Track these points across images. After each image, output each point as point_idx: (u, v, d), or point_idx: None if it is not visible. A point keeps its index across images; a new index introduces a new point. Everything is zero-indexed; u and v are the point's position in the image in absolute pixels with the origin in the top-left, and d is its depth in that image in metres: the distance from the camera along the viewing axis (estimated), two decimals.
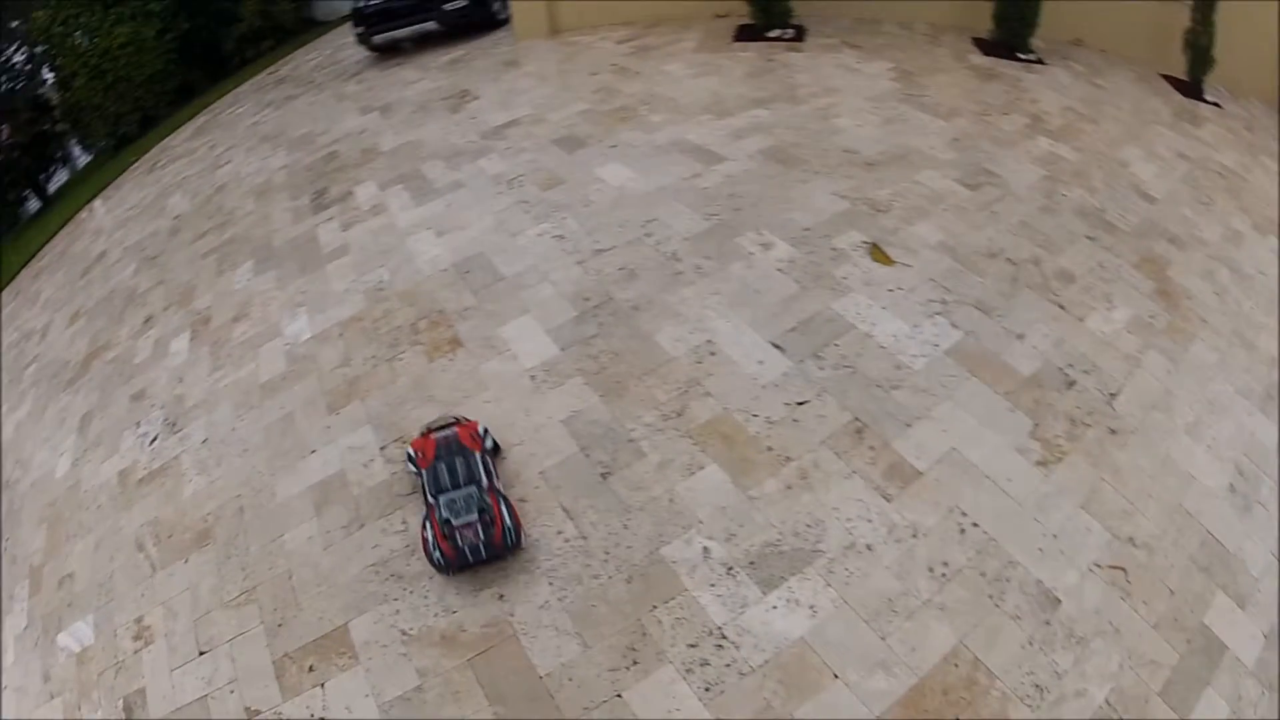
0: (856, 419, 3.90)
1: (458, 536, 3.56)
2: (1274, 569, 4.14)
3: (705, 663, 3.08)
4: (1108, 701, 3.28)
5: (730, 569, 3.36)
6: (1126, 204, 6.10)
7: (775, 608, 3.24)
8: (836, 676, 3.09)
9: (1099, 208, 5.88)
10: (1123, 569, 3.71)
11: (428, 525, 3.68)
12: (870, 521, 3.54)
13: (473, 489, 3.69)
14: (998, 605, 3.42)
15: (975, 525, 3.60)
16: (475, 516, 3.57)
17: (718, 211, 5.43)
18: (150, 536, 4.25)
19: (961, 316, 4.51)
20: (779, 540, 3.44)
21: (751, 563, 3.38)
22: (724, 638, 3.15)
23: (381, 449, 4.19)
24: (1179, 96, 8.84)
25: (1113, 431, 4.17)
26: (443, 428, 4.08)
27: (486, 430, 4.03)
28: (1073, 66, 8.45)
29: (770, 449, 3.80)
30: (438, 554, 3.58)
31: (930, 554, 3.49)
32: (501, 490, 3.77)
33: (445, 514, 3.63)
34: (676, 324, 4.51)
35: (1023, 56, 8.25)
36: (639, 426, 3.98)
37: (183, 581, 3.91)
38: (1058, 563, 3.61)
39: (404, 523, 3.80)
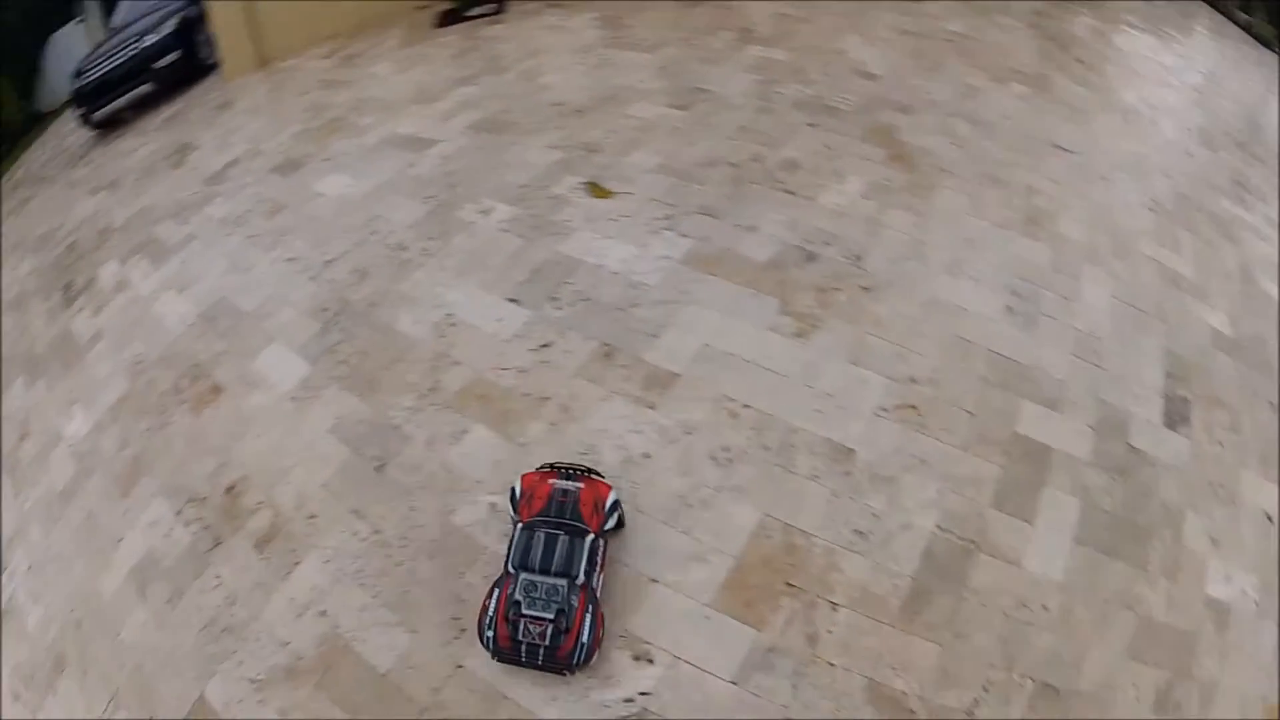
0: (604, 344, 4.29)
1: (521, 627, 3.37)
2: (1080, 369, 4.82)
3: None
4: (940, 526, 3.77)
5: None
6: (847, 86, 6.72)
7: None
8: (655, 580, 3.48)
9: (817, 96, 6.47)
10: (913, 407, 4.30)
11: (495, 594, 3.49)
12: (641, 432, 3.93)
13: (562, 584, 3.43)
14: (791, 471, 3.85)
15: (746, 407, 4.03)
16: (550, 616, 3.36)
17: (435, 193, 5.80)
18: (20, 683, 4.30)
19: (689, 226, 4.98)
20: None
21: None
22: None
23: (176, 514, 4.35)
24: None
25: (865, 289, 4.69)
26: (569, 475, 3.80)
27: (617, 504, 3.72)
28: None
29: (527, 395, 4.13)
30: (490, 634, 3.39)
31: (708, 444, 3.90)
32: (597, 590, 3.52)
33: (518, 595, 3.43)
34: (413, 308, 4.81)
35: None
36: (399, 412, 4.26)
37: (58, 714, 4.01)
38: (840, 417, 4.06)
39: (217, 577, 3.95)
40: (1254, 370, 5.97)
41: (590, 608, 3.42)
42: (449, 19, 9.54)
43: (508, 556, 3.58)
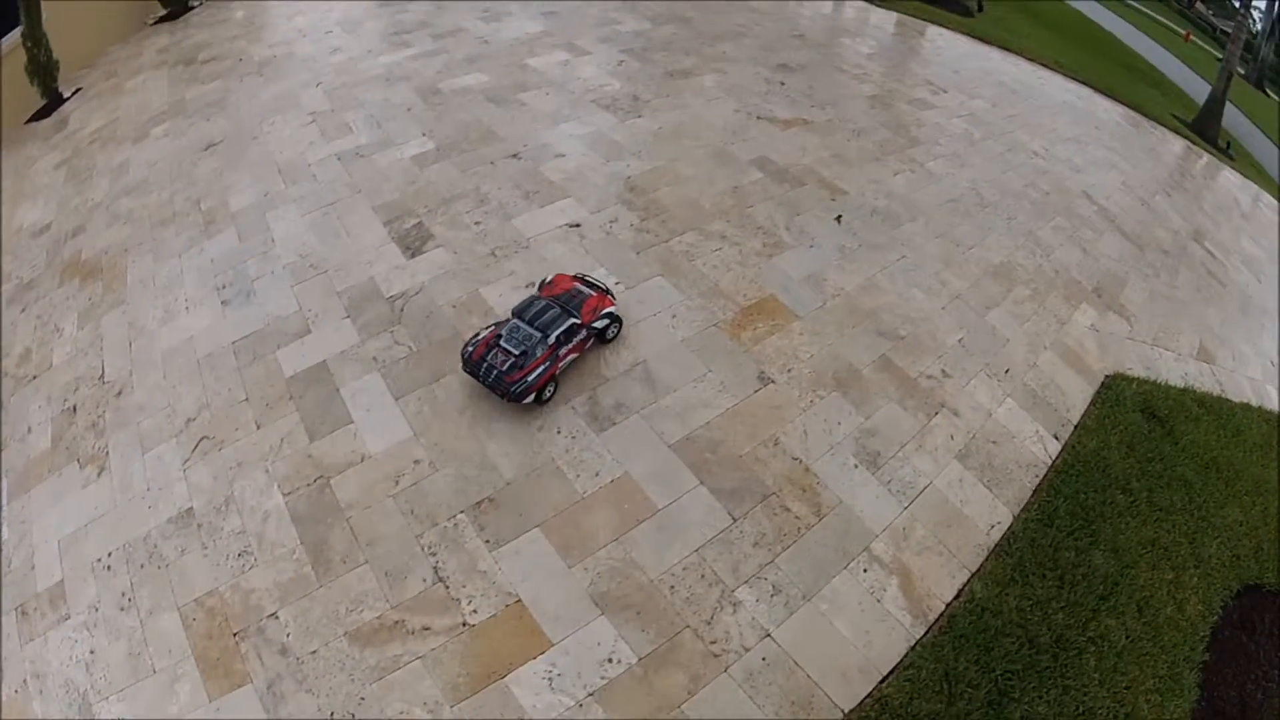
0: (16, 610, 4.44)
1: (493, 352, 4.47)
2: (308, 287, 5.54)
3: None
4: (285, 492, 4.53)
5: None
6: (29, 253, 7.02)
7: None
8: (152, 670, 3.94)
9: (16, 283, 6.71)
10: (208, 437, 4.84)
11: (492, 327, 4.62)
12: (75, 641, 4.23)
13: (536, 335, 4.50)
14: (166, 565, 4.40)
15: (109, 555, 4.54)
16: (516, 353, 4.43)
17: None
18: None
19: None
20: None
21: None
22: None
23: None
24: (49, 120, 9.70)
25: (119, 393, 5.28)
26: (591, 285, 4.93)
27: (613, 316, 4.89)
28: None
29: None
30: (470, 349, 4.55)
31: (110, 607, 4.31)
32: (560, 358, 4.61)
33: (504, 331, 4.50)
34: None
35: None
36: None
37: None
38: (162, 497, 4.69)
39: None
40: (471, 152, 6.91)
41: (548, 364, 4.56)
42: None
43: (515, 307, 4.72)
